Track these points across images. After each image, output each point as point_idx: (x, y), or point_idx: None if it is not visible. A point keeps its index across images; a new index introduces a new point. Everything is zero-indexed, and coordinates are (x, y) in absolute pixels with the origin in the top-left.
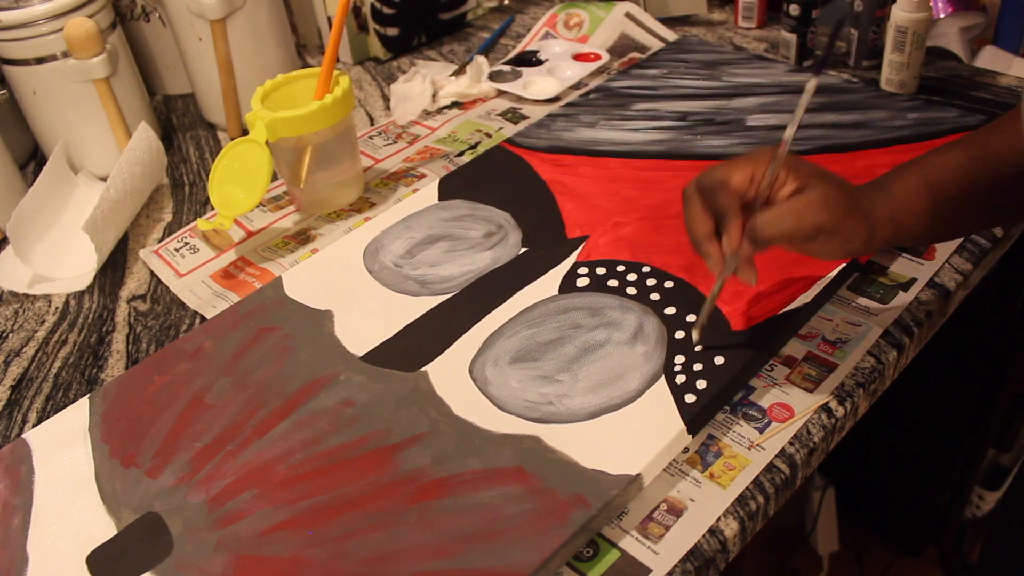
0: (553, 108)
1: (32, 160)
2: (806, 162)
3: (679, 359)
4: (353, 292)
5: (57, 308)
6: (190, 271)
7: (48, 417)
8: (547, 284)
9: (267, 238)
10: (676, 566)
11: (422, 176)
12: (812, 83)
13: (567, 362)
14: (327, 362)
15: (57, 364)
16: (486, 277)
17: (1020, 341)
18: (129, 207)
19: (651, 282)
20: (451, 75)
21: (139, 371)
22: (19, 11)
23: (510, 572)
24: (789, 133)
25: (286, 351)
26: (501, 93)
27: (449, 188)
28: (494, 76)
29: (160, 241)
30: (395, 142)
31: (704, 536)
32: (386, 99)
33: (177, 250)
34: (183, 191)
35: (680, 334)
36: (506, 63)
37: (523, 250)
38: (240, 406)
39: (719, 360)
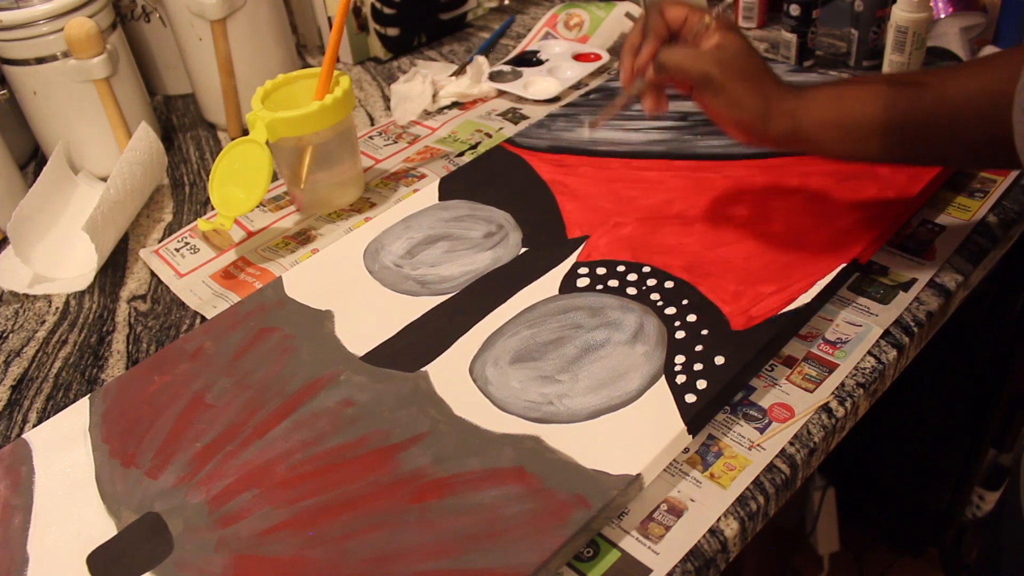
0: (553, 108)
1: (32, 160)
2: (738, 29)
3: (679, 359)
4: (353, 292)
5: (57, 308)
6: (190, 271)
7: (48, 417)
8: (547, 284)
9: (267, 238)
10: (676, 566)
11: (422, 176)
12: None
13: (567, 362)
14: (327, 362)
15: (57, 364)
16: (486, 277)
17: (1020, 341)
18: (129, 207)
19: (651, 282)
20: (451, 75)
21: (139, 371)
22: (19, 11)
23: (510, 572)
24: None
25: (286, 351)
26: (501, 93)
27: (449, 188)
28: (494, 76)
29: (160, 241)
30: (395, 142)
31: (704, 536)
32: (386, 99)
33: (177, 250)
34: (183, 191)
35: (681, 334)
36: (506, 63)
37: (523, 250)
38: (240, 406)
39: (719, 360)
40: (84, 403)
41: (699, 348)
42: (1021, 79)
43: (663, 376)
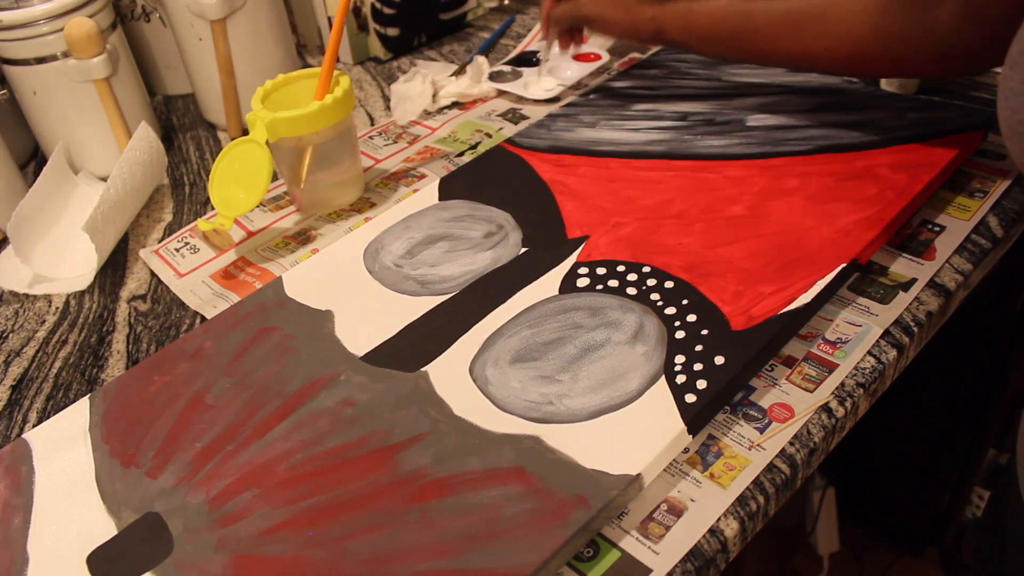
0: (553, 108)
1: (32, 160)
2: None
3: (679, 359)
4: (353, 292)
5: (57, 308)
6: (190, 271)
7: (48, 417)
8: (547, 284)
9: (267, 238)
10: (676, 566)
11: (422, 176)
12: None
13: (567, 362)
14: (327, 362)
15: (57, 364)
16: (486, 277)
17: (1020, 341)
18: (129, 207)
19: (651, 282)
20: (451, 75)
21: (139, 371)
22: (19, 11)
23: (510, 572)
24: None
25: (286, 351)
26: (501, 93)
27: (449, 188)
28: (494, 76)
29: (160, 241)
30: (395, 142)
31: (704, 536)
32: (386, 99)
33: (177, 250)
34: (183, 191)
35: (681, 334)
36: (506, 63)
37: (523, 250)
38: (240, 406)
39: (719, 360)
40: (84, 403)
41: (699, 348)
42: (1004, 67)
43: (663, 376)
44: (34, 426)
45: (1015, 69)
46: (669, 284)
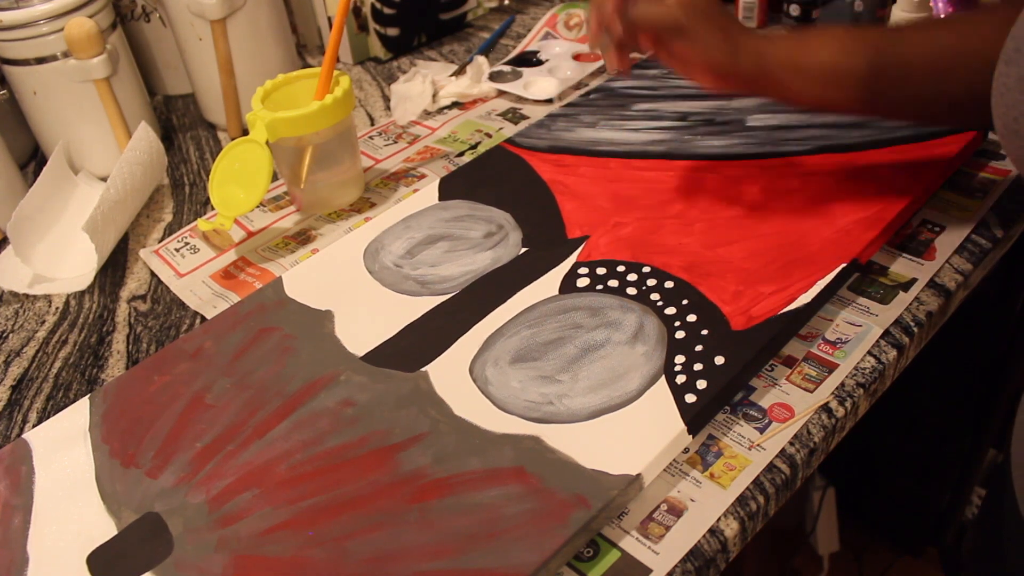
0: (553, 108)
1: (32, 160)
2: None
3: (679, 359)
4: (353, 292)
5: (57, 308)
6: (190, 271)
7: (48, 417)
8: (547, 284)
9: (267, 238)
10: (676, 566)
11: (422, 176)
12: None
13: (567, 362)
14: (327, 362)
15: (57, 364)
16: (486, 277)
17: (1020, 341)
18: (129, 207)
19: (651, 282)
20: (451, 75)
21: (139, 371)
22: (19, 11)
23: (510, 572)
24: None
25: (286, 351)
26: (501, 93)
27: (449, 188)
28: (494, 76)
29: (160, 241)
30: (395, 142)
31: (704, 536)
32: (386, 99)
33: (177, 250)
34: (183, 191)
35: (681, 334)
36: (506, 63)
37: (523, 250)
38: (240, 406)
39: (719, 360)
40: (84, 403)
41: (699, 348)
42: (998, 62)
43: (663, 376)
44: (34, 426)
45: (1010, 65)
46: (669, 284)
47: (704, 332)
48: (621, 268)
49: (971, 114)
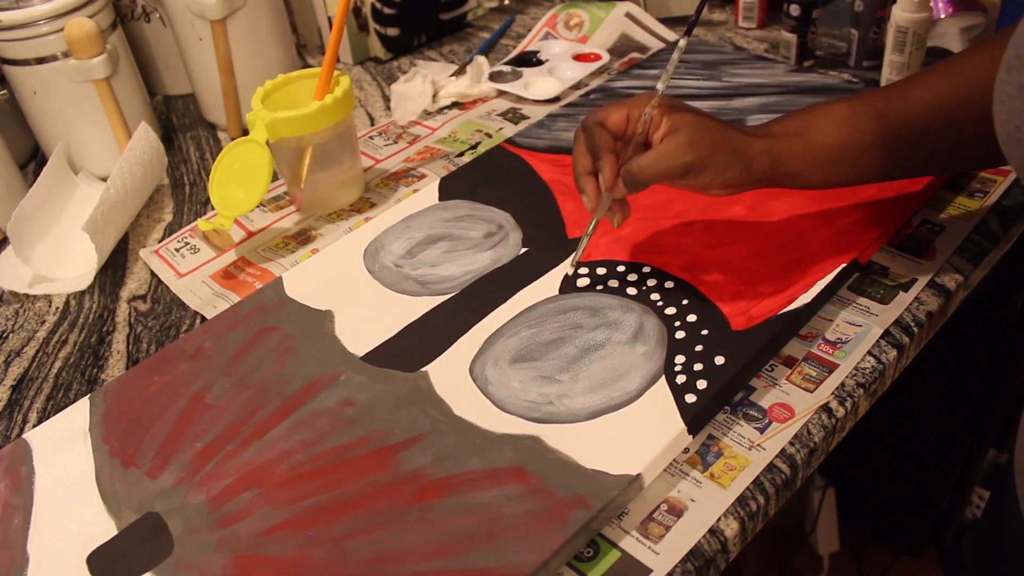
0: (553, 108)
1: (32, 160)
2: (681, 104)
3: (679, 359)
4: (353, 292)
5: (57, 308)
6: (190, 271)
7: (48, 417)
8: (547, 284)
9: (267, 238)
10: (676, 566)
11: (422, 176)
12: (683, 42)
13: (567, 362)
14: (327, 362)
15: (57, 364)
16: (486, 277)
17: (1020, 341)
18: (129, 207)
19: (651, 282)
20: (451, 75)
21: (139, 371)
22: (19, 11)
23: (510, 572)
24: (661, 87)
25: (286, 351)
26: (501, 93)
27: (449, 188)
28: (494, 76)
29: (160, 241)
30: (395, 142)
31: (704, 536)
32: (386, 99)
33: (177, 250)
34: (183, 191)
35: (681, 334)
36: (506, 63)
37: (523, 250)
38: (240, 406)
39: (719, 360)
40: (84, 403)
41: (699, 348)
42: (1000, 70)
43: (663, 376)
44: (34, 426)
45: (1011, 73)
46: (669, 284)
47: (704, 332)
48: (621, 268)
49: (998, 151)
